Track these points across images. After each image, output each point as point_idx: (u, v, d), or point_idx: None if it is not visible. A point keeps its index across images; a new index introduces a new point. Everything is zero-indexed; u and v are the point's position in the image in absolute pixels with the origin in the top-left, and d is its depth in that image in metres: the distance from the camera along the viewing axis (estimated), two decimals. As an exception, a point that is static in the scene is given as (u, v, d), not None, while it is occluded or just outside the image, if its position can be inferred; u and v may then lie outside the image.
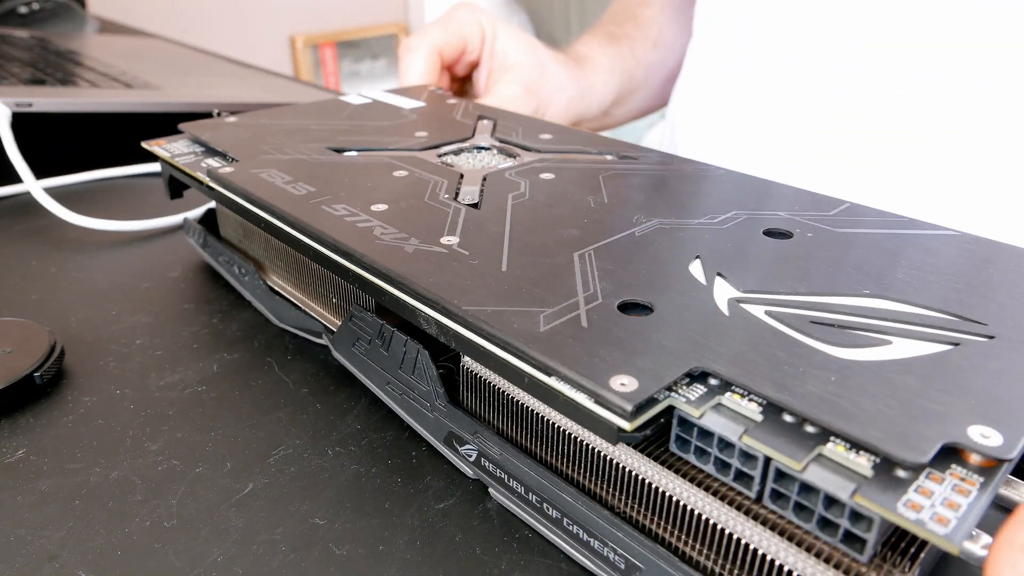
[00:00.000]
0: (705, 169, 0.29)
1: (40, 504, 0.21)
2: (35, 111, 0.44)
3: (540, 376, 0.17)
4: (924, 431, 0.14)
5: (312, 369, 0.27)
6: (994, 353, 0.17)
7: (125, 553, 0.20)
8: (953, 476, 0.14)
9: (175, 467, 0.22)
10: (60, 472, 0.22)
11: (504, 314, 0.18)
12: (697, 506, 0.17)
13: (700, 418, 0.16)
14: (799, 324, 0.18)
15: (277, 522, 0.20)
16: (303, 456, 0.23)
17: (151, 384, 0.26)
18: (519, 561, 0.19)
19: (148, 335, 0.29)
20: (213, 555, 0.19)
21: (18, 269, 0.35)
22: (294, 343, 0.29)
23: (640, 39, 0.58)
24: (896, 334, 0.18)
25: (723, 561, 0.17)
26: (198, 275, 0.34)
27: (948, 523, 0.13)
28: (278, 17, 1.90)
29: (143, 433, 0.24)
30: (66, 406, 0.25)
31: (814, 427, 0.15)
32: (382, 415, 0.25)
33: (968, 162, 0.38)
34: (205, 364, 0.27)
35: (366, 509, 0.21)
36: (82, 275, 0.34)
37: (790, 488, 0.15)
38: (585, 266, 0.21)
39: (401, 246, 0.22)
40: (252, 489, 0.22)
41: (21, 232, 0.39)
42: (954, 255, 0.22)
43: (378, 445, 0.23)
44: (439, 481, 0.22)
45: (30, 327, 0.27)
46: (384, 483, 0.22)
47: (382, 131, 0.34)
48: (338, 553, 0.20)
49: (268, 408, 0.25)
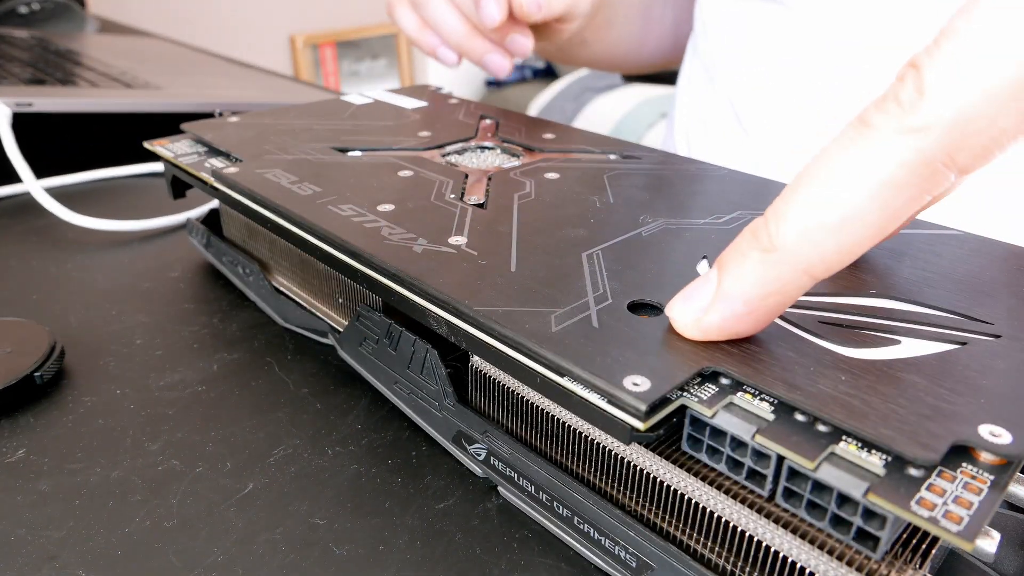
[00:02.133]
0: (708, 169, 0.30)
1: (40, 504, 0.21)
2: (35, 111, 0.44)
3: (553, 376, 0.17)
4: (935, 430, 0.15)
5: (312, 369, 0.27)
6: (1001, 352, 0.17)
7: (125, 553, 0.20)
8: (964, 474, 0.14)
9: (175, 467, 0.22)
10: (60, 472, 0.22)
11: (515, 314, 0.19)
12: (710, 504, 0.17)
13: (712, 417, 0.16)
14: (808, 324, 0.18)
15: (277, 522, 0.21)
16: (303, 456, 0.23)
17: (151, 384, 0.26)
18: (519, 561, 0.19)
19: (148, 335, 0.29)
20: (213, 555, 0.20)
21: (18, 269, 0.35)
22: (294, 343, 0.29)
23: None
24: (904, 334, 0.18)
25: (736, 559, 0.17)
26: (198, 275, 0.34)
27: (961, 521, 0.13)
28: (278, 17, 1.89)
29: (143, 433, 0.24)
30: (66, 406, 0.25)
31: (826, 426, 0.15)
32: (382, 415, 0.25)
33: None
34: (205, 364, 0.27)
35: (366, 509, 0.21)
36: (82, 275, 0.34)
37: (803, 487, 0.15)
38: (594, 266, 0.21)
39: (409, 246, 0.22)
40: (252, 489, 0.22)
41: (21, 232, 0.39)
42: (959, 255, 0.22)
43: (378, 445, 0.23)
44: (439, 481, 0.22)
45: (30, 327, 0.27)
46: (384, 483, 0.22)
47: (385, 131, 0.34)
48: (338, 553, 0.20)
49: (268, 408, 0.25)
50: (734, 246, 0.17)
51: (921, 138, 0.14)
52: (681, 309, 0.17)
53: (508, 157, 0.31)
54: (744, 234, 0.17)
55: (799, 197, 0.16)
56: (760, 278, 0.16)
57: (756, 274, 0.16)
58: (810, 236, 0.15)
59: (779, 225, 0.16)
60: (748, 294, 0.16)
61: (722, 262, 0.17)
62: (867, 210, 0.15)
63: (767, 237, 0.16)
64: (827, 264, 0.16)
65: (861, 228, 0.15)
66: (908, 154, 0.14)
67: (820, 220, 0.15)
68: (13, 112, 0.42)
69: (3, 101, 0.42)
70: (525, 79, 2.17)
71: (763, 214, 0.16)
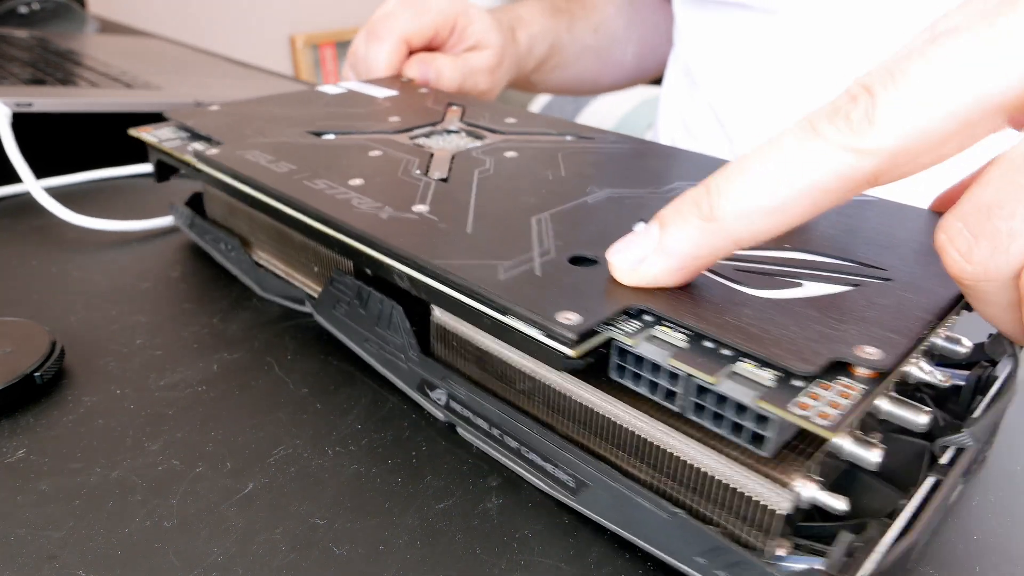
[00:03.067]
0: (654, 147, 0.32)
1: (40, 504, 0.21)
2: (35, 111, 0.44)
3: (498, 316, 0.20)
4: (818, 349, 0.17)
5: (312, 369, 0.28)
6: (887, 292, 0.20)
7: (125, 553, 0.20)
8: (840, 384, 0.17)
9: (175, 467, 0.23)
10: (60, 472, 0.22)
11: (468, 266, 0.21)
12: (632, 426, 0.19)
13: (635, 347, 0.18)
14: (725, 271, 0.21)
15: (277, 522, 0.21)
16: (303, 456, 0.23)
17: (151, 384, 0.27)
18: (519, 561, 0.20)
19: (148, 335, 0.29)
20: (213, 555, 0.20)
21: (18, 269, 0.35)
22: (294, 343, 0.29)
23: (582, 19, 0.59)
24: (806, 279, 0.21)
25: (656, 472, 0.19)
26: (198, 275, 0.35)
27: (828, 417, 0.16)
28: (278, 17, 1.89)
29: (143, 433, 0.24)
30: (66, 406, 0.25)
31: (729, 350, 0.18)
32: (382, 415, 0.25)
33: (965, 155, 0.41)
34: (205, 364, 0.28)
35: (366, 509, 0.21)
36: (82, 275, 0.34)
37: (708, 401, 0.17)
38: (541, 228, 0.24)
39: (376, 213, 0.25)
40: (252, 489, 0.22)
41: (21, 232, 0.39)
42: (868, 215, 0.25)
43: (378, 445, 0.24)
44: (439, 481, 0.22)
45: (30, 327, 0.27)
46: (384, 483, 0.22)
47: (358, 117, 0.36)
48: (338, 553, 0.20)
49: (268, 408, 0.25)
50: (676, 209, 0.19)
51: (861, 159, 0.16)
52: (621, 257, 0.20)
53: (472, 139, 0.34)
54: (686, 199, 0.19)
55: (742, 180, 0.18)
56: (697, 241, 0.19)
57: (694, 238, 0.19)
58: (747, 216, 0.18)
59: (720, 200, 0.18)
60: (684, 252, 0.19)
61: (663, 220, 0.19)
62: (799, 204, 0.17)
63: (708, 208, 0.18)
64: (755, 239, 0.18)
65: (791, 216, 0.18)
66: (846, 169, 0.17)
67: (758, 204, 0.18)
68: (13, 112, 0.42)
69: (3, 101, 0.42)
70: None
71: (705, 184, 0.19)
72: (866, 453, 0.17)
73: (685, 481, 0.19)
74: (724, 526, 0.18)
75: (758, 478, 0.17)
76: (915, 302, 0.20)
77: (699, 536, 0.18)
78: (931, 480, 0.19)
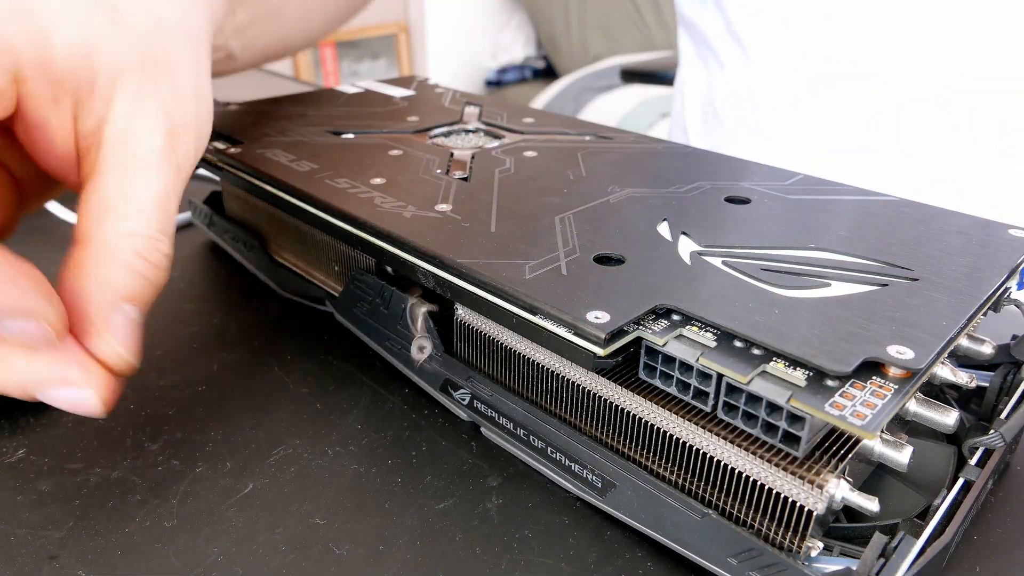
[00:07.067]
0: (674, 147, 0.32)
1: (40, 504, 0.21)
2: None
3: (526, 315, 0.20)
4: (850, 349, 0.17)
5: (312, 369, 0.27)
6: (916, 292, 0.20)
7: (125, 553, 0.20)
8: (873, 384, 0.17)
9: (175, 467, 0.23)
10: (60, 472, 0.22)
11: (494, 265, 0.21)
12: (663, 424, 0.19)
13: (664, 346, 0.18)
14: (751, 271, 0.21)
15: (277, 522, 0.21)
16: (303, 456, 0.23)
17: (151, 384, 0.26)
18: (519, 561, 0.20)
19: (148, 335, 0.29)
20: (213, 555, 0.20)
21: None
22: (294, 343, 0.29)
23: None
24: (835, 278, 0.21)
25: (685, 473, 0.19)
26: (198, 275, 0.35)
27: (864, 417, 0.16)
28: None
29: (143, 433, 0.24)
30: None
31: (759, 350, 0.18)
32: (382, 415, 0.25)
33: (965, 156, 0.41)
34: (205, 364, 0.28)
35: (366, 509, 0.21)
36: None
37: (739, 400, 0.17)
38: (565, 227, 0.24)
39: (400, 212, 0.25)
40: (252, 489, 0.22)
41: (21, 232, 0.38)
42: (892, 216, 0.25)
43: (378, 445, 0.24)
44: (439, 481, 0.22)
45: None
46: (384, 483, 0.22)
47: (376, 116, 0.37)
48: (338, 553, 0.20)
49: (268, 408, 0.25)
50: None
51: None
52: None
53: (491, 138, 0.34)
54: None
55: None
56: None
57: None
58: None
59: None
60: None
61: None
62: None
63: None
64: None
65: None
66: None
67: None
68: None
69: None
70: (525, 79, 2.19)
71: None
72: (896, 454, 0.17)
73: (715, 481, 0.19)
74: (755, 527, 0.18)
75: (792, 479, 0.17)
76: (944, 302, 0.19)
77: (732, 537, 0.18)
78: (961, 481, 0.19)
